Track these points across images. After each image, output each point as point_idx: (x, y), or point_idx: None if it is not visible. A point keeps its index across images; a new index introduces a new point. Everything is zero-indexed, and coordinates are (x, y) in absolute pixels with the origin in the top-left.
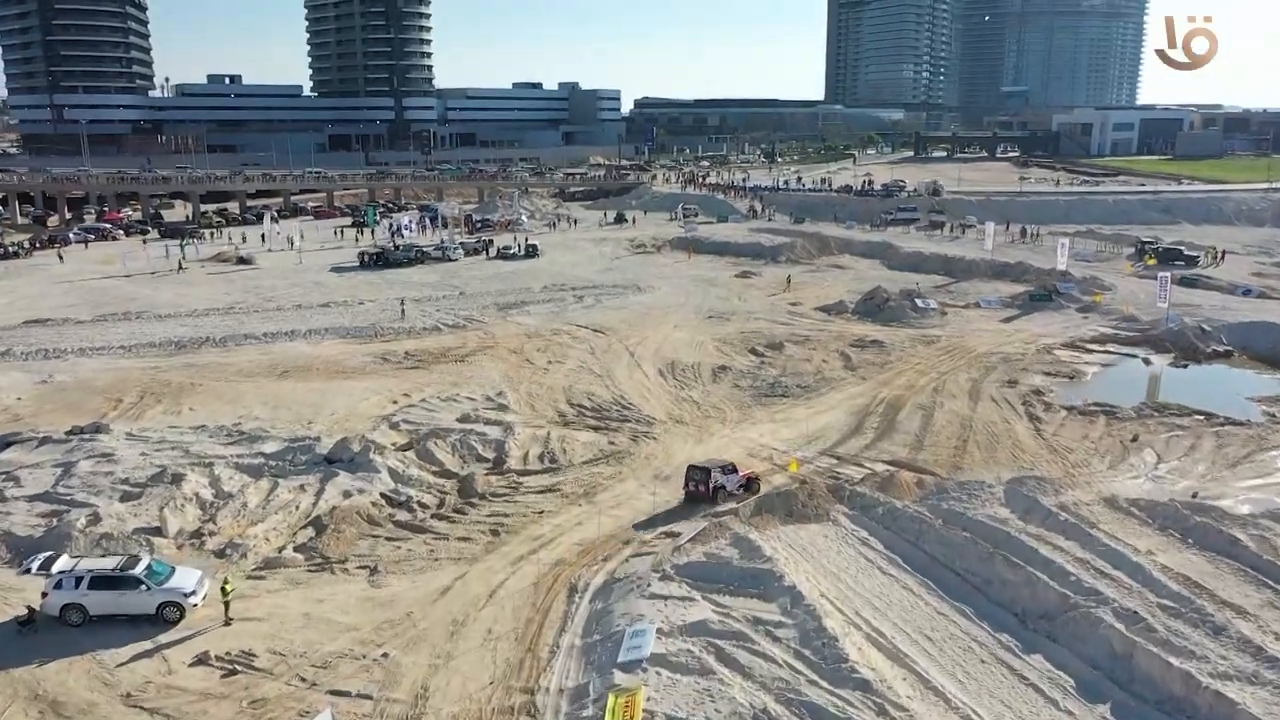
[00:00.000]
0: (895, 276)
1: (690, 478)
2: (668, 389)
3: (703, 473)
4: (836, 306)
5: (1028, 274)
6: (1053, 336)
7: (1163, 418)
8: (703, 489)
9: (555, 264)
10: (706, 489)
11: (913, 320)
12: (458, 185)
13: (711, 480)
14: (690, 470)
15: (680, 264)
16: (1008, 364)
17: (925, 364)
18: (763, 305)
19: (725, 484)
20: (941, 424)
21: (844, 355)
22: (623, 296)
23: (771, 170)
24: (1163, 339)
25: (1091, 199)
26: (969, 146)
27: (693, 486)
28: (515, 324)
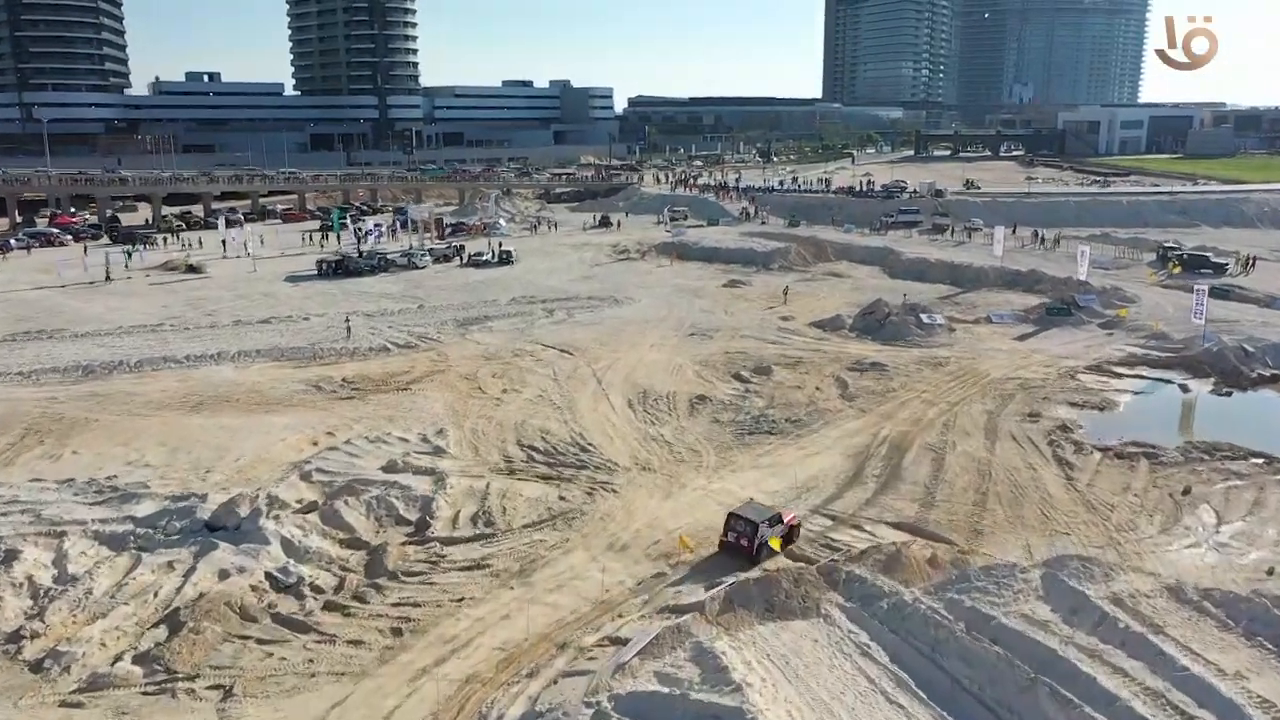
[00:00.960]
0: (897, 286)
1: (731, 528)
2: (636, 425)
3: (747, 525)
4: (833, 322)
5: (1042, 283)
6: (1075, 358)
7: (1215, 462)
8: (745, 544)
9: (530, 272)
10: (750, 545)
11: (917, 338)
12: (438, 186)
13: (759, 536)
14: (732, 520)
15: (665, 271)
16: (1027, 392)
17: (933, 392)
18: (751, 320)
19: (767, 537)
20: (955, 471)
21: (840, 381)
22: (597, 310)
23: (764, 170)
24: (1200, 361)
25: (1104, 200)
26: (971, 145)
27: (733, 538)
28: (474, 343)
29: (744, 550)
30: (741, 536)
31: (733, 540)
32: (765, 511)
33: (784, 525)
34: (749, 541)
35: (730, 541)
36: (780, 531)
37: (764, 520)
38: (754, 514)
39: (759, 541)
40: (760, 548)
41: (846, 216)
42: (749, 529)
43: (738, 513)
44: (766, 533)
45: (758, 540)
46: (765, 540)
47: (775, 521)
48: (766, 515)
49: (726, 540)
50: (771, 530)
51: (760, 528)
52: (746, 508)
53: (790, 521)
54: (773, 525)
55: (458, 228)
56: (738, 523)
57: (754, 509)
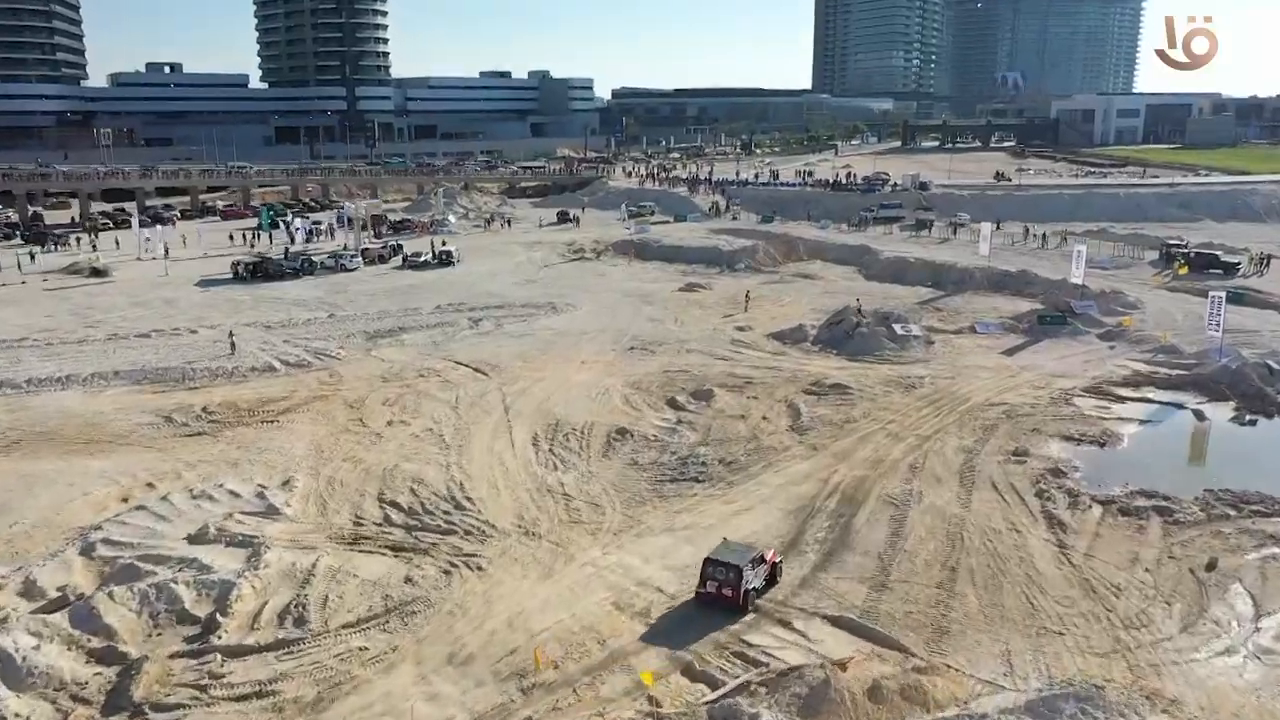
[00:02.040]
0: (872, 289)
1: (709, 576)
2: (534, 470)
3: (729, 571)
4: (794, 333)
5: (1033, 286)
6: (1071, 376)
7: (1244, 519)
8: (729, 594)
9: (470, 274)
10: (735, 593)
11: (889, 352)
12: (396, 181)
13: (744, 582)
14: (709, 567)
15: (619, 273)
16: (1013, 422)
17: (901, 422)
18: (703, 331)
19: (753, 581)
20: (919, 535)
21: (792, 409)
22: (531, 319)
23: (739, 163)
24: (1216, 380)
25: (1099, 193)
26: (961, 136)
27: (713, 589)
28: (378, 360)
29: (727, 601)
30: (724, 586)
31: (712, 591)
32: (746, 551)
33: (766, 565)
34: (733, 590)
35: (709, 593)
36: (764, 574)
37: (748, 562)
38: (735, 556)
39: (745, 588)
40: (747, 595)
41: (823, 212)
42: (732, 575)
43: (716, 558)
44: (752, 576)
45: (744, 586)
46: (751, 585)
47: (759, 562)
48: (749, 556)
49: (704, 592)
50: (755, 572)
51: (745, 572)
52: (724, 550)
53: (772, 560)
54: (757, 566)
55: (402, 225)
56: (717, 569)
57: (733, 550)
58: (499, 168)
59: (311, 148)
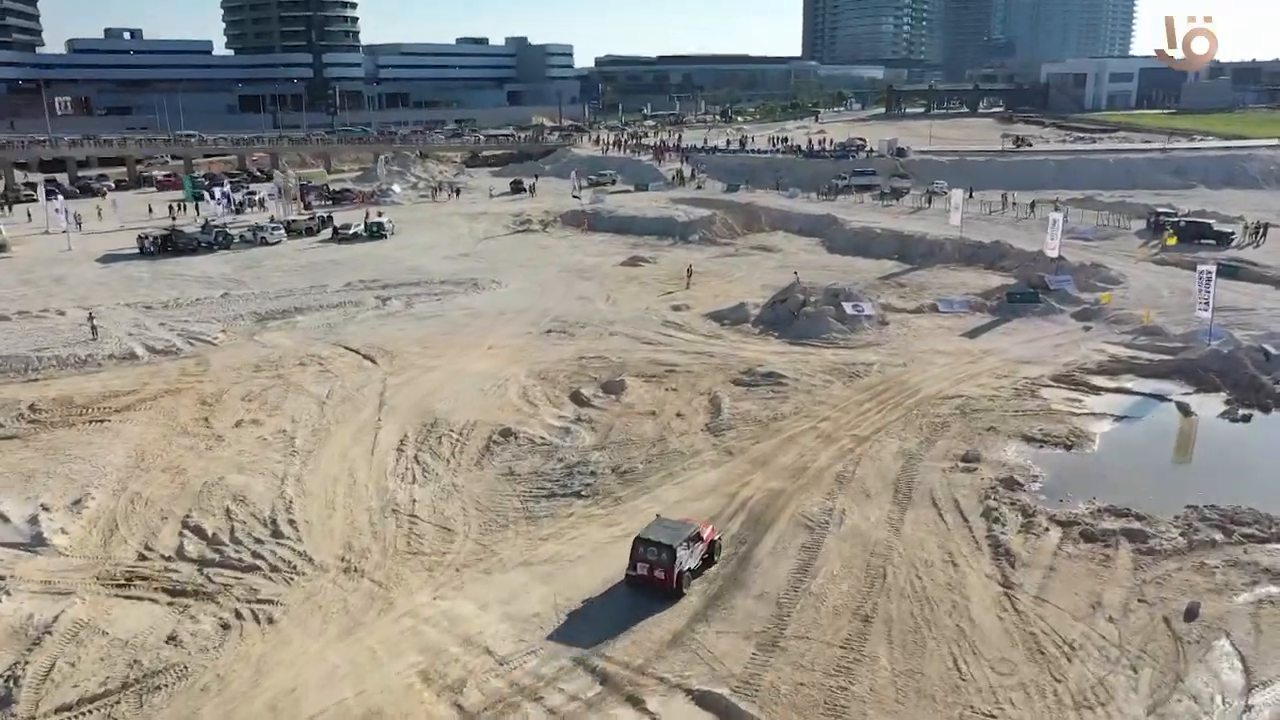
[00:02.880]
0: (833, 263)
1: (640, 558)
2: (385, 484)
3: (662, 551)
4: (734, 313)
5: (1007, 259)
6: (1040, 363)
7: (1233, 546)
8: (662, 576)
9: (402, 248)
10: (669, 576)
11: (837, 335)
12: (352, 149)
13: (678, 563)
14: (640, 548)
15: (562, 245)
16: (967, 420)
17: (837, 420)
18: (635, 310)
19: (688, 561)
20: (832, 572)
21: (714, 403)
22: (448, 297)
23: (709, 130)
24: (1205, 367)
25: (1088, 159)
26: (948, 102)
27: (644, 570)
28: (259, 345)
29: (661, 584)
30: (655, 567)
31: (643, 574)
32: (680, 529)
33: (703, 543)
34: (666, 572)
35: (640, 576)
36: (701, 551)
37: (682, 541)
38: (668, 535)
39: (680, 570)
40: (682, 577)
41: (793, 180)
42: (665, 556)
43: (647, 537)
44: (687, 556)
45: (678, 568)
46: (686, 566)
47: (694, 540)
48: (684, 534)
49: (635, 575)
50: (691, 551)
51: (679, 552)
52: (656, 528)
53: (709, 537)
54: (692, 545)
55: (342, 196)
56: (648, 550)
57: (666, 528)
58: (464, 136)
59: (275, 117)
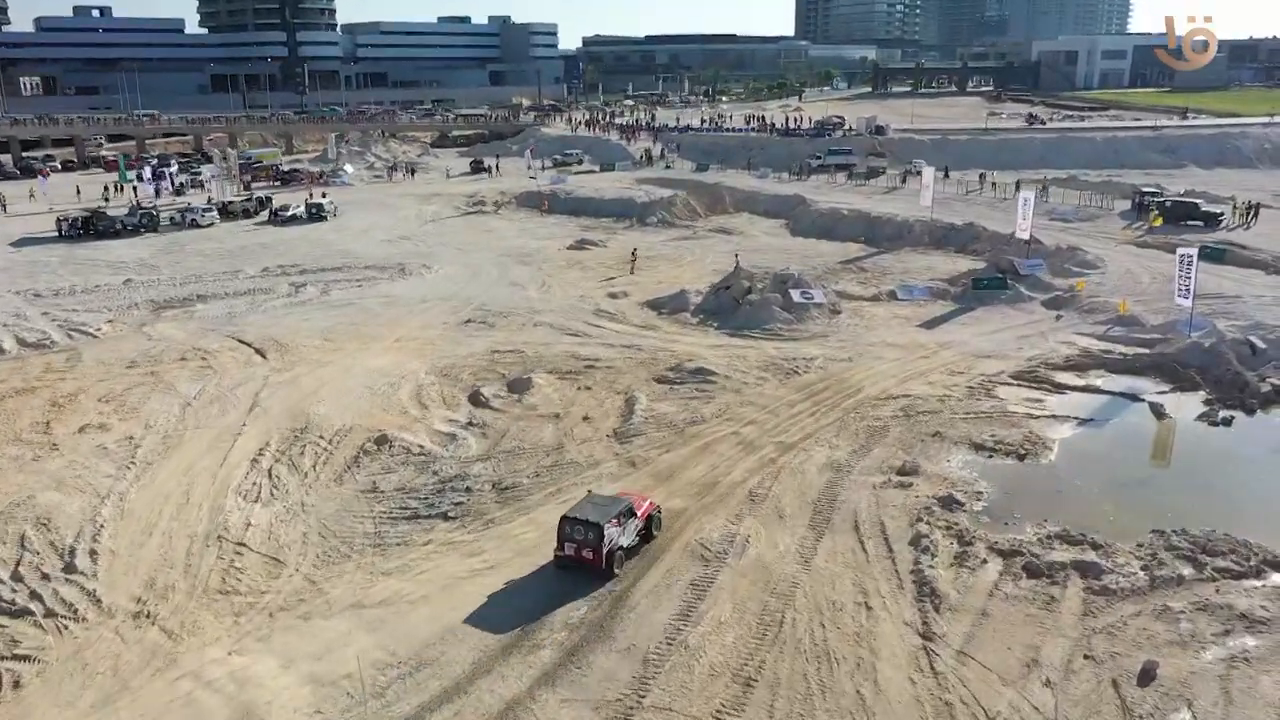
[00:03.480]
0: (795, 246)
1: (567, 537)
2: (223, 503)
3: (588, 530)
4: (674, 301)
5: (980, 241)
6: (1001, 357)
7: (1203, 581)
8: (590, 555)
9: (341, 230)
10: (597, 554)
11: (781, 326)
12: (317, 129)
13: (607, 540)
14: (566, 526)
15: (510, 228)
16: (910, 423)
17: (763, 424)
18: (568, 299)
19: (620, 539)
20: (719, 618)
21: (628, 404)
22: (371, 284)
23: (681, 110)
24: (1183, 363)
25: (1075, 137)
26: (937, 80)
27: (571, 551)
28: (146, 337)
29: (590, 563)
30: (583, 547)
31: (572, 554)
32: (610, 505)
33: (639, 519)
34: (594, 551)
35: (568, 557)
36: (637, 527)
37: (610, 518)
38: (596, 513)
39: (609, 547)
40: (611, 555)
41: (766, 159)
42: (592, 535)
43: (574, 515)
44: (617, 534)
45: (607, 546)
46: (617, 544)
47: (627, 515)
48: (614, 510)
49: (563, 555)
50: (623, 529)
51: (606, 529)
52: (584, 505)
53: (645, 512)
54: (624, 521)
55: (291, 176)
56: (575, 529)
57: (594, 505)
58: (435, 116)
59: (245, 97)
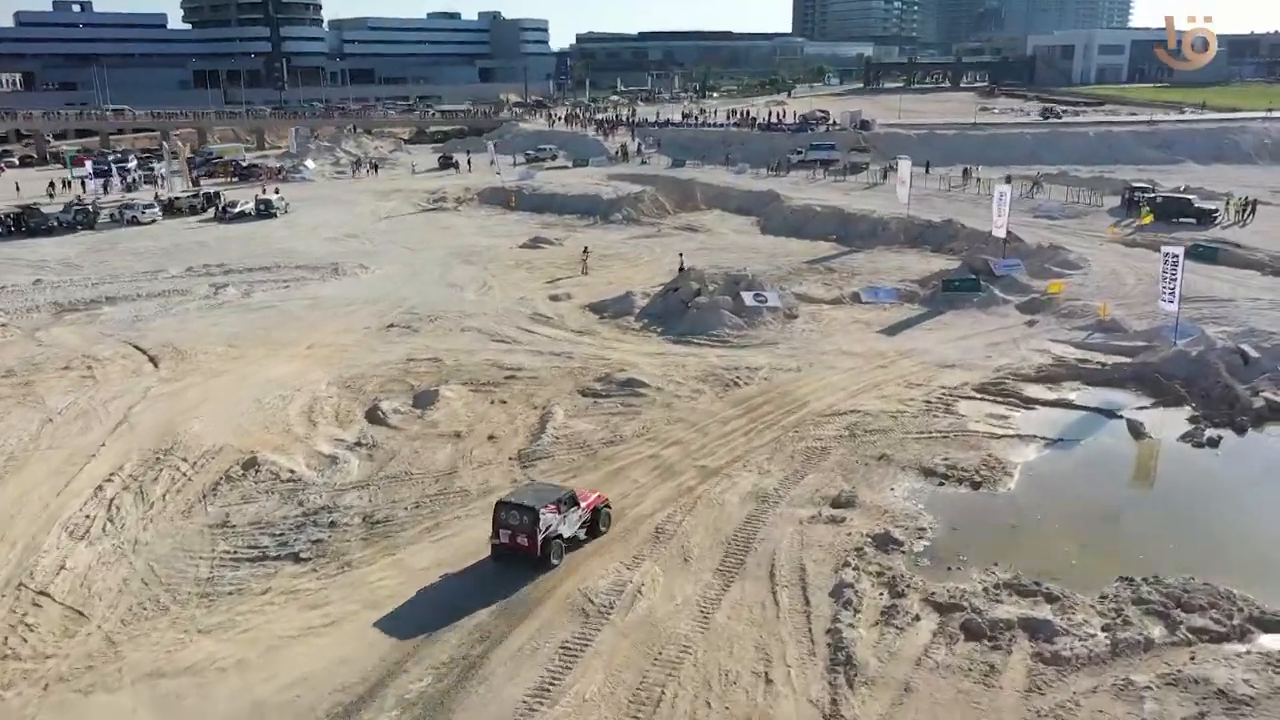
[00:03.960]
0: (763, 245)
1: (503, 523)
2: (38, 541)
3: (523, 515)
4: (618, 304)
5: (957, 240)
6: (967, 367)
7: (1176, 646)
8: (525, 542)
9: (288, 228)
10: (532, 542)
11: (730, 331)
12: (289, 124)
13: (541, 526)
14: (502, 511)
15: (466, 225)
16: (855, 444)
17: (689, 444)
18: (508, 300)
19: (559, 528)
20: (581, 698)
21: (542, 420)
22: (300, 285)
23: (659, 105)
24: (1167, 373)
25: (1067, 132)
26: (931, 76)
27: (505, 538)
28: (36, 343)
29: (525, 550)
30: (518, 533)
31: (507, 542)
32: (548, 493)
33: (583, 509)
34: (529, 537)
35: (503, 544)
36: (581, 518)
37: (549, 504)
38: (532, 498)
39: (545, 534)
40: (548, 544)
41: (746, 154)
42: (526, 520)
43: (509, 499)
44: (556, 521)
45: (543, 533)
46: (556, 532)
47: (569, 503)
48: (551, 497)
49: (499, 543)
50: (564, 517)
51: (542, 515)
52: (523, 490)
53: (592, 504)
54: (565, 510)
55: (249, 172)
56: (510, 514)
57: (532, 491)
58: (416, 111)
59: (225, 93)
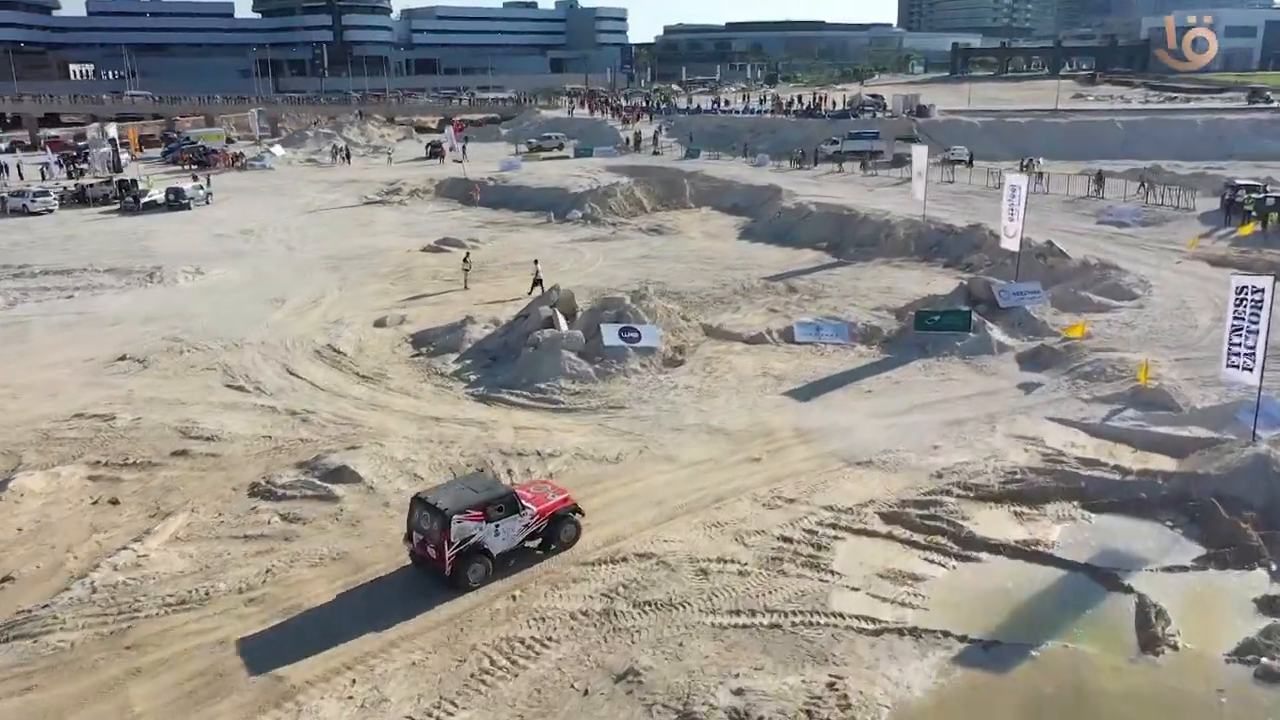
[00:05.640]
0: (729, 254)
1: (415, 525)
2: None
3: (433, 519)
4: (448, 335)
5: (982, 251)
6: (891, 465)
7: None
8: (433, 554)
9: (191, 221)
10: (440, 556)
11: (566, 386)
12: (306, 111)
13: (455, 538)
14: (415, 508)
15: (397, 220)
16: (597, 637)
17: (266, 642)
18: (314, 325)
19: (485, 540)
20: None
21: (117, 548)
22: (90, 295)
23: (687, 93)
24: (1232, 493)
25: (1168, 120)
26: (1031, 63)
27: (417, 545)
28: None
29: (433, 565)
30: (427, 541)
31: (417, 549)
32: (478, 490)
33: (531, 516)
34: (437, 550)
35: (415, 552)
36: (526, 526)
37: (469, 507)
38: (451, 495)
39: (460, 548)
40: (464, 561)
41: (775, 144)
42: (436, 524)
43: (424, 496)
44: (477, 532)
45: (455, 546)
46: (482, 546)
47: (504, 508)
48: (476, 498)
49: (413, 551)
50: (494, 526)
51: (457, 523)
52: (448, 486)
53: (552, 508)
54: (496, 516)
55: (206, 159)
56: (422, 515)
57: (460, 486)
58: (454, 100)
59: (276, 82)
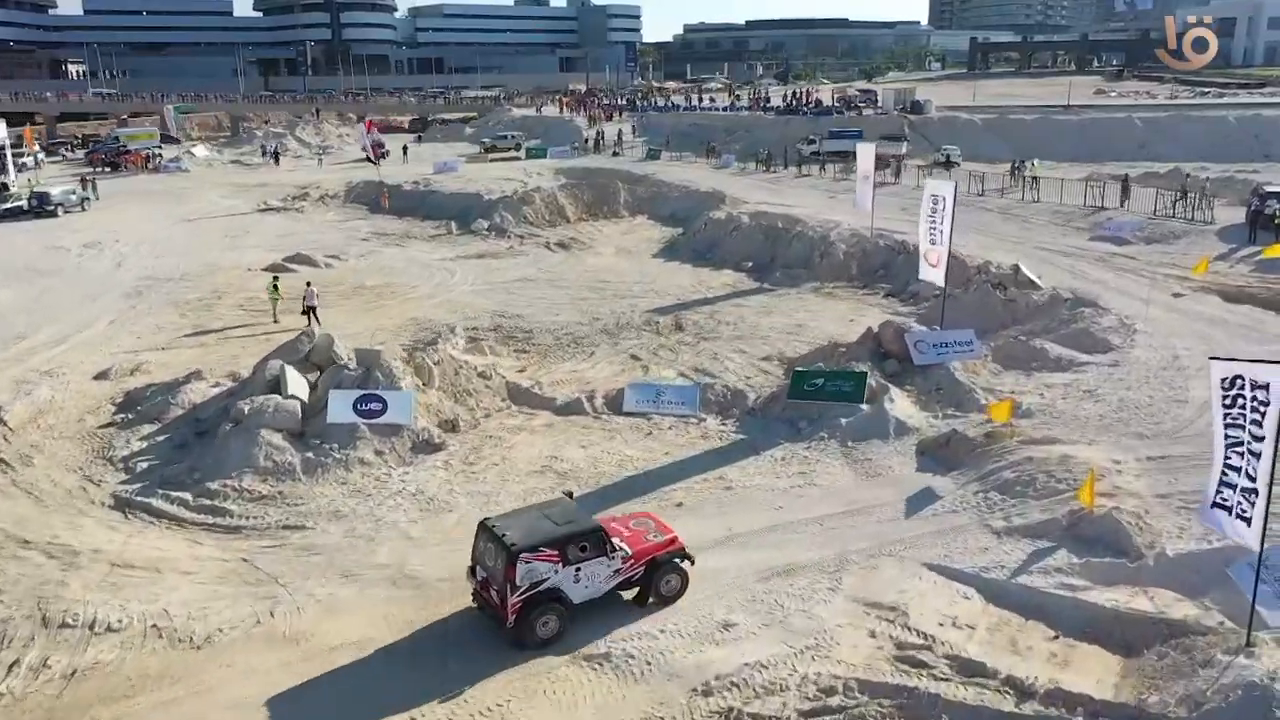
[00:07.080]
0: (627, 275)
1: (479, 559)
2: None
3: (497, 556)
4: (152, 400)
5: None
6: (624, 683)
7: None
8: (493, 597)
9: (49, 230)
10: (503, 600)
11: (255, 485)
12: (271, 110)
13: (519, 579)
14: (480, 541)
15: (272, 230)
16: None
17: None
18: (17, 373)
19: (561, 586)
20: None
21: None
22: None
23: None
24: None
25: (1198, 116)
26: (1056, 59)
27: (480, 585)
28: None
29: (495, 611)
30: (490, 582)
31: (480, 589)
32: (565, 522)
33: (626, 560)
34: (499, 594)
35: (476, 593)
36: (617, 571)
37: (545, 544)
38: (523, 527)
39: (527, 594)
40: (529, 608)
41: (748, 143)
42: (499, 563)
43: (493, 524)
44: (551, 574)
45: (521, 591)
46: (557, 592)
47: (590, 545)
48: (562, 531)
49: (475, 592)
50: (574, 570)
51: (524, 563)
52: (521, 513)
53: (652, 550)
54: (575, 556)
55: (117, 160)
56: (486, 549)
57: (535, 515)
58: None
59: (266, 80)
